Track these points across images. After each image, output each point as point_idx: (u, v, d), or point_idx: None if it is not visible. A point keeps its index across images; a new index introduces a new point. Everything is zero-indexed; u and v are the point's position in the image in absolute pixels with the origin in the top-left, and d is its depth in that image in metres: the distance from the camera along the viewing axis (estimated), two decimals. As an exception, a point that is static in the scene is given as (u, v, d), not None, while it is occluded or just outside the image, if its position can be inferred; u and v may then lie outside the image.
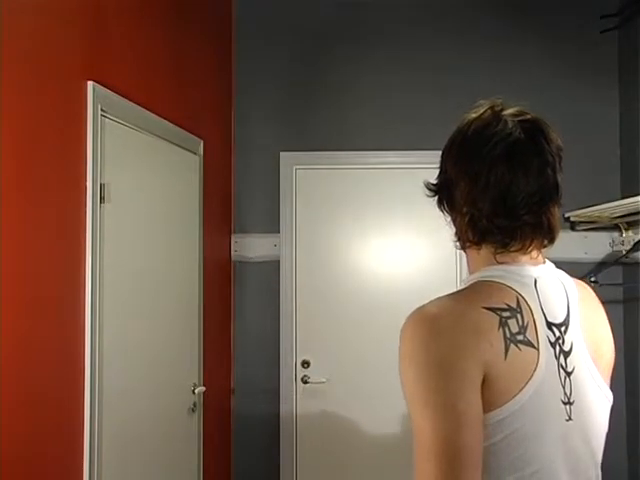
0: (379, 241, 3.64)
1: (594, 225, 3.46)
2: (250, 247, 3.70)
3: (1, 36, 1.72)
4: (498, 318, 1.10)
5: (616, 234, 3.50)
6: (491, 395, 1.06)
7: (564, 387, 1.14)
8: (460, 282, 3.59)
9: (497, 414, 1.07)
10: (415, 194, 3.61)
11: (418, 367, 1.07)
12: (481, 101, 1.29)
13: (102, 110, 2.21)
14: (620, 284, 3.51)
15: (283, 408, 3.57)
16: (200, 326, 3.10)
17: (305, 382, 3.49)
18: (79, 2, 2.13)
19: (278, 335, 3.62)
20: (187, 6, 3.08)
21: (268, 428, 3.62)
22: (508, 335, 1.09)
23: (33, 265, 1.88)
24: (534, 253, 1.26)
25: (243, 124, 3.74)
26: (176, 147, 2.89)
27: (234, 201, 3.73)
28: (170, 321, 2.82)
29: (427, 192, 1.33)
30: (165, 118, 2.74)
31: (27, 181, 1.85)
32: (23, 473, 1.82)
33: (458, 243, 1.30)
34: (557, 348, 1.15)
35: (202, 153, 3.18)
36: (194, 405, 3.01)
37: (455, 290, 1.21)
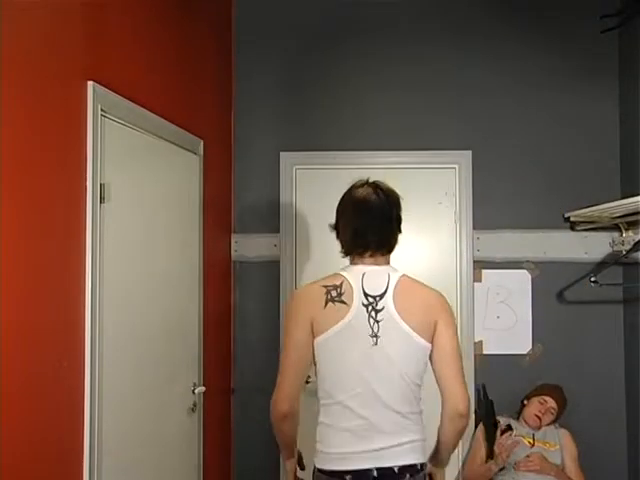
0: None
1: (594, 225, 3.46)
2: (250, 247, 3.70)
3: (1, 36, 1.72)
4: (325, 290, 2.06)
5: (616, 234, 3.50)
6: (316, 328, 2.03)
7: (372, 328, 2.02)
8: (458, 278, 3.61)
9: (320, 338, 2.03)
10: (415, 194, 3.63)
11: (285, 318, 2.12)
12: (359, 179, 2.19)
13: (102, 110, 2.21)
14: (620, 284, 3.51)
15: (283, 408, 3.57)
16: (200, 326, 3.10)
17: (306, 382, 3.47)
18: (79, 2, 2.13)
19: (278, 335, 3.61)
20: (187, 6, 3.08)
21: (268, 428, 3.61)
22: (332, 296, 2.04)
23: (33, 265, 1.88)
24: (370, 260, 2.11)
25: (243, 124, 3.74)
26: (176, 147, 2.89)
27: (234, 201, 3.73)
28: (170, 321, 2.82)
29: (329, 228, 2.21)
30: (165, 118, 2.74)
31: (27, 181, 1.85)
32: (23, 473, 1.82)
33: (341, 253, 2.18)
34: (370, 307, 2.04)
35: (202, 153, 3.17)
36: (194, 405, 3.01)
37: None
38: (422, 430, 2.09)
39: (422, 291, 2.13)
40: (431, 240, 3.62)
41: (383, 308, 2.03)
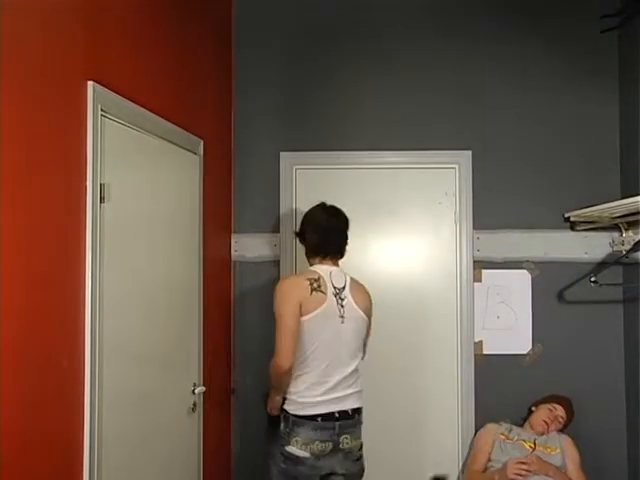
0: (379, 241, 3.64)
1: (594, 225, 3.46)
2: (250, 247, 3.70)
3: (1, 36, 1.72)
4: (308, 281, 2.76)
5: (616, 234, 3.50)
6: (303, 310, 2.71)
7: (340, 311, 2.78)
8: (458, 278, 3.61)
9: (307, 317, 2.71)
10: (415, 194, 3.63)
11: (278, 299, 2.77)
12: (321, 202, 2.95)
13: (102, 110, 2.20)
14: (620, 284, 3.51)
15: (283, 408, 3.57)
16: (200, 326, 3.10)
17: None
18: (79, 2, 2.13)
19: (278, 335, 3.62)
20: (187, 6, 3.08)
21: (268, 428, 3.61)
22: (315, 287, 2.75)
23: (33, 265, 1.88)
24: (331, 262, 2.88)
25: (243, 124, 3.74)
26: (176, 147, 2.89)
27: (234, 201, 3.73)
28: (170, 321, 2.82)
29: (295, 235, 3.07)
30: (165, 118, 2.74)
31: (27, 181, 1.85)
32: (23, 473, 1.82)
33: (306, 255, 2.94)
34: (337, 296, 2.79)
35: (202, 153, 3.17)
36: (194, 405, 3.01)
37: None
38: (360, 382, 2.87)
39: (362, 287, 2.96)
40: (431, 240, 3.62)
41: (345, 297, 2.82)
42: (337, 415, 2.73)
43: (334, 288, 2.80)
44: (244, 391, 3.67)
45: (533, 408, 3.37)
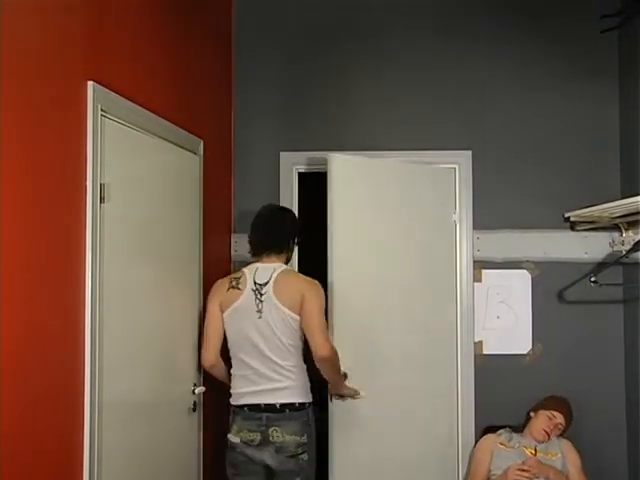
0: (379, 240, 3.63)
1: (594, 225, 3.46)
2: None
3: (1, 36, 1.72)
4: (229, 280, 2.94)
5: (616, 234, 3.50)
6: (223, 307, 2.90)
7: (257, 306, 2.83)
8: (458, 278, 3.61)
9: (225, 313, 2.90)
10: (415, 194, 3.62)
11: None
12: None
13: (102, 110, 2.21)
14: (620, 284, 3.51)
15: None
16: (200, 326, 3.09)
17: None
18: (80, 2, 2.13)
19: (278, 335, 3.62)
20: (187, 6, 3.08)
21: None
22: (233, 285, 2.90)
23: (33, 265, 1.88)
24: (265, 259, 2.94)
25: (243, 124, 3.74)
26: (176, 147, 2.89)
27: (234, 201, 3.73)
28: (170, 321, 2.82)
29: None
30: (165, 118, 2.74)
31: (27, 181, 1.85)
32: (23, 473, 1.82)
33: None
34: (256, 291, 2.85)
35: (202, 153, 3.17)
36: (194, 405, 3.01)
37: None
38: (301, 378, 2.89)
39: (294, 279, 2.93)
40: (431, 240, 3.62)
41: (265, 292, 2.85)
42: (263, 406, 2.83)
43: (255, 284, 2.86)
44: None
45: (532, 414, 3.32)
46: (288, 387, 2.85)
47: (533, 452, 3.19)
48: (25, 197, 1.84)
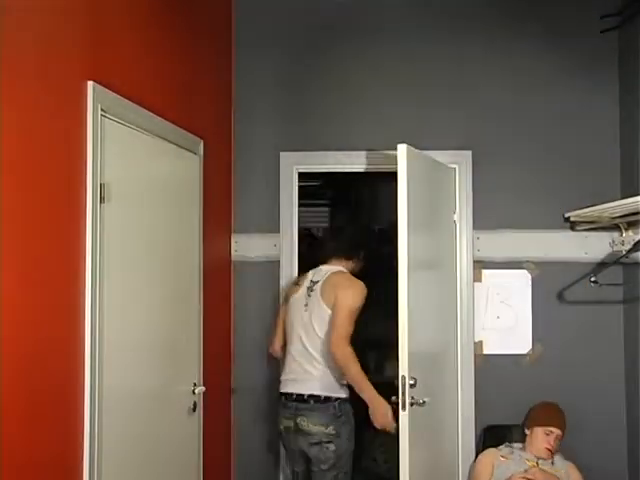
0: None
1: (594, 225, 3.46)
2: (250, 247, 3.70)
3: (1, 36, 1.72)
4: (297, 277, 3.40)
5: (616, 234, 3.49)
6: (287, 299, 3.30)
7: (306, 300, 3.12)
8: (458, 278, 3.60)
9: (287, 306, 3.26)
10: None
11: None
12: None
13: (102, 110, 2.21)
14: (620, 284, 3.50)
15: (283, 408, 3.56)
16: (200, 326, 3.10)
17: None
18: (79, 2, 2.13)
19: (278, 335, 3.62)
20: (187, 6, 3.08)
21: (268, 428, 3.62)
22: (297, 281, 3.31)
23: (33, 265, 1.88)
24: (332, 262, 3.21)
25: (243, 124, 3.74)
26: (176, 147, 2.89)
27: (234, 201, 3.73)
28: (170, 321, 2.82)
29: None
30: (165, 118, 2.74)
31: (27, 181, 1.85)
32: (23, 474, 1.82)
33: None
34: (309, 288, 3.14)
35: (202, 153, 3.17)
36: (194, 405, 3.01)
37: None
38: (332, 372, 3.01)
39: (339, 278, 3.13)
40: (431, 240, 3.61)
41: (314, 290, 3.12)
42: (294, 396, 3.06)
43: (310, 282, 3.16)
44: (244, 391, 3.67)
45: (526, 431, 3.30)
46: (317, 379, 3.03)
47: (535, 465, 3.18)
48: (25, 197, 1.84)
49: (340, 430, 2.99)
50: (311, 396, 3.01)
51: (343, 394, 3.05)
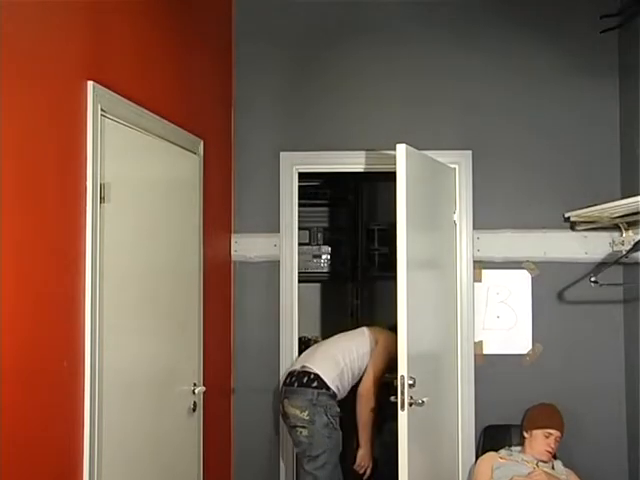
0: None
1: (594, 225, 3.46)
2: (250, 247, 3.70)
3: (1, 36, 1.72)
4: None
5: (616, 234, 3.49)
6: None
7: None
8: (458, 278, 3.59)
9: None
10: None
11: None
12: None
13: (102, 110, 2.21)
14: (620, 284, 3.50)
15: (283, 408, 3.57)
16: (200, 326, 3.10)
17: None
18: (79, 2, 2.13)
19: (278, 335, 3.62)
20: (187, 6, 3.08)
21: (268, 428, 3.62)
22: None
23: (33, 265, 1.88)
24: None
25: (243, 124, 3.74)
26: (176, 147, 2.89)
27: (234, 201, 3.73)
28: (170, 321, 2.82)
29: None
30: (165, 118, 2.74)
31: (27, 181, 1.85)
32: (23, 473, 1.82)
33: None
34: None
35: (202, 153, 3.17)
36: (194, 405, 3.01)
37: None
38: (332, 373, 3.22)
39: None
40: (431, 240, 3.61)
41: None
42: (295, 373, 3.25)
43: None
44: (244, 391, 3.67)
45: (525, 434, 3.29)
46: (316, 366, 3.21)
47: (535, 467, 3.17)
48: (25, 197, 1.84)
49: (314, 418, 3.10)
50: (305, 373, 3.18)
51: (333, 392, 3.17)
